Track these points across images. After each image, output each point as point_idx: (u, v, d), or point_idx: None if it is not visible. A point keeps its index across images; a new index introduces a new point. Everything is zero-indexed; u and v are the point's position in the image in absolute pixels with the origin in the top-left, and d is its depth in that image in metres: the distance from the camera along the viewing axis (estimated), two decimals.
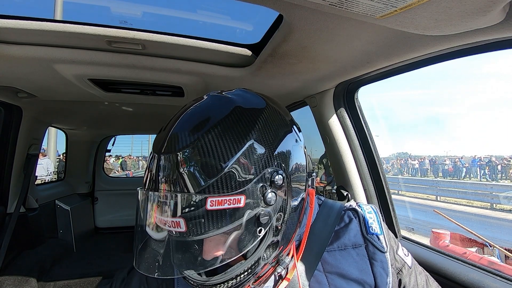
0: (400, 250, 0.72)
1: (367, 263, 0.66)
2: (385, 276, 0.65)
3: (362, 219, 0.71)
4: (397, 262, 0.69)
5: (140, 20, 0.97)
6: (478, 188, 10.96)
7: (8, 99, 1.61)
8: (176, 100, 1.63)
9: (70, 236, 2.64)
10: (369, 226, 0.69)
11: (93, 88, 1.39)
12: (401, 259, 0.70)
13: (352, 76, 1.14)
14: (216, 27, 1.06)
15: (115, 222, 3.27)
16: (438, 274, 1.01)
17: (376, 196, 1.33)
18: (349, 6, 0.54)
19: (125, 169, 19.52)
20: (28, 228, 2.07)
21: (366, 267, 0.66)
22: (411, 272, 0.70)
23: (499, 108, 51.98)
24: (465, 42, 0.72)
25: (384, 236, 0.69)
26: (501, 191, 9.74)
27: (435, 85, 75.28)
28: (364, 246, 0.68)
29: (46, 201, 2.45)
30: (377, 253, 0.67)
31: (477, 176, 16.04)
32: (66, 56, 1.04)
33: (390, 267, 0.66)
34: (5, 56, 1.00)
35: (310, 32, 0.79)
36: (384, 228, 0.71)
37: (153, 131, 3.90)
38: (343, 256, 0.66)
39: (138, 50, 1.02)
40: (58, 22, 0.89)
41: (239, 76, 1.18)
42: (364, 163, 1.33)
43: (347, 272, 0.64)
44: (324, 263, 0.66)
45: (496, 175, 15.37)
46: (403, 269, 0.69)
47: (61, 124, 2.65)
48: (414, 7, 0.52)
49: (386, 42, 0.81)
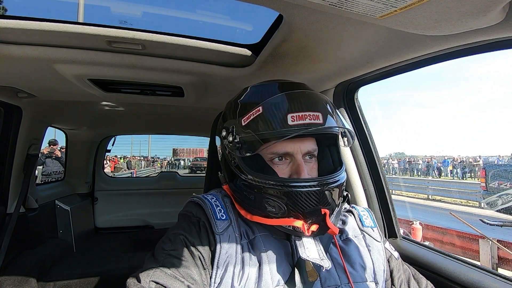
0: (387, 244, 0.82)
1: (366, 250, 0.76)
2: (381, 262, 0.75)
3: (357, 215, 0.83)
4: (386, 252, 0.79)
5: (140, 20, 0.97)
6: (420, 183, 14.13)
7: (8, 99, 1.61)
8: (175, 100, 1.63)
9: (70, 236, 2.63)
10: (363, 220, 0.81)
11: (93, 88, 1.39)
12: (388, 251, 0.80)
13: (352, 76, 1.14)
14: (216, 27, 1.06)
15: (115, 222, 3.27)
16: (438, 274, 1.01)
17: (376, 196, 1.33)
18: (349, 6, 0.54)
19: (130, 168, 21.17)
20: (28, 228, 2.07)
21: (366, 253, 0.75)
22: (398, 262, 0.80)
23: (476, 113, 53.09)
24: (465, 42, 0.72)
25: (377, 229, 0.81)
26: (434, 186, 12.90)
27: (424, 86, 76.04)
28: (362, 237, 0.78)
29: (46, 201, 2.45)
30: (373, 242, 0.77)
31: (446, 174, 18.41)
32: (66, 56, 1.04)
33: (384, 255, 0.77)
34: (5, 56, 1.00)
35: (310, 32, 0.79)
36: (377, 224, 0.83)
37: (152, 131, 3.91)
38: (346, 244, 0.75)
39: (138, 50, 1.02)
40: (58, 22, 0.89)
41: (239, 76, 1.19)
42: (364, 163, 1.33)
43: (352, 257, 0.73)
44: (331, 250, 0.74)
45: (461, 174, 17.74)
46: (391, 258, 0.79)
47: (61, 124, 2.65)
48: (414, 7, 0.52)
49: (386, 42, 0.81)
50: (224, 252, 0.64)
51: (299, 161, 0.67)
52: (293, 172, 0.67)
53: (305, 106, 0.64)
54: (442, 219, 6.54)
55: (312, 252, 0.64)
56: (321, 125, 0.64)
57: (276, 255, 0.66)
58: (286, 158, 0.69)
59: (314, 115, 0.63)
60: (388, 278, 0.76)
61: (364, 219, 0.82)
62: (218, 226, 0.66)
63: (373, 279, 0.72)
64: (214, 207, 0.70)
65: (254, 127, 0.64)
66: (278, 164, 0.68)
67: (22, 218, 1.95)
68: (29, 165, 1.96)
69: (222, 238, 0.65)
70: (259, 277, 0.63)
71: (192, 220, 0.70)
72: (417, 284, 0.77)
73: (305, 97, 0.67)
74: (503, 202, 2.53)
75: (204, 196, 0.74)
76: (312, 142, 0.71)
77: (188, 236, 0.66)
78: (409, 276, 0.79)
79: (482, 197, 8.43)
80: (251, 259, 0.65)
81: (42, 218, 2.25)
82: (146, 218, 3.32)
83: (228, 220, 0.69)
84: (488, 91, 65.20)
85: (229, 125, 0.70)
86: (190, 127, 3.09)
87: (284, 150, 0.67)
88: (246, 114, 0.66)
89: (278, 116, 0.63)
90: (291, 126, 0.62)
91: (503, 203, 2.53)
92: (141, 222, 3.32)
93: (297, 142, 0.67)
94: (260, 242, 0.67)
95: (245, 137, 0.66)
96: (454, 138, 50.91)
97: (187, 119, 2.59)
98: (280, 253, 0.67)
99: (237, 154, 0.67)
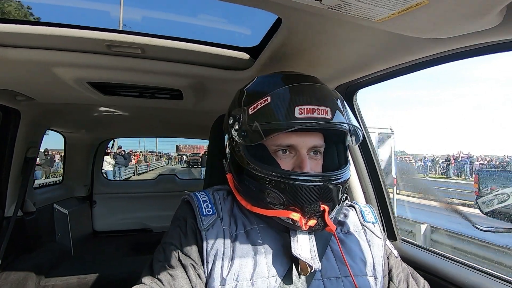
0: (387, 241, 0.82)
1: (367, 245, 0.75)
2: (381, 258, 0.75)
3: (359, 210, 0.82)
4: (386, 249, 0.79)
5: (139, 24, 0.98)
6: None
7: (6, 102, 1.60)
8: (174, 103, 1.63)
9: (68, 239, 2.61)
10: (365, 216, 0.81)
11: (92, 92, 1.39)
12: (388, 247, 0.80)
13: (350, 79, 1.14)
14: (215, 31, 1.07)
15: (114, 226, 3.25)
16: (438, 276, 1.00)
17: (375, 198, 1.33)
18: (348, 9, 0.54)
19: (146, 161, 29.68)
20: (26, 232, 2.05)
21: (366, 247, 0.75)
22: (397, 260, 0.80)
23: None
24: (463, 45, 0.72)
25: (379, 225, 0.81)
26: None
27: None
28: (363, 231, 0.78)
29: (44, 205, 2.43)
30: (374, 238, 0.77)
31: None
32: (65, 60, 1.04)
33: (384, 251, 0.77)
34: (4, 59, 1.00)
35: (308, 35, 0.79)
36: (378, 220, 0.82)
37: (151, 134, 3.90)
38: (348, 237, 0.75)
39: (137, 54, 1.03)
40: (57, 26, 0.89)
41: (238, 79, 1.19)
42: (363, 166, 1.33)
43: (352, 250, 0.73)
44: (333, 243, 0.74)
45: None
46: (390, 256, 0.79)
47: (59, 127, 2.64)
48: (412, 11, 0.52)
49: (385, 45, 0.81)
50: (210, 247, 0.65)
51: (303, 155, 0.66)
52: (296, 166, 0.67)
53: (314, 100, 0.63)
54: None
55: (304, 250, 0.64)
56: (328, 121, 0.63)
57: (274, 247, 0.67)
58: (291, 152, 0.68)
59: (323, 109, 0.62)
60: (386, 273, 0.76)
61: (366, 214, 0.81)
62: (203, 222, 0.67)
63: (372, 273, 0.72)
64: (201, 203, 0.71)
65: (260, 116, 0.63)
66: (281, 157, 0.68)
67: (19, 221, 1.94)
68: (27, 169, 1.95)
69: (207, 233, 0.66)
70: (254, 267, 0.63)
71: (180, 223, 0.71)
72: (415, 283, 0.77)
73: (315, 91, 0.66)
74: (499, 201, 2.54)
75: (195, 193, 0.75)
76: (319, 137, 0.70)
77: (177, 245, 0.67)
78: (407, 274, 0.79)
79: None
80: (245, 248, 0.66)
81: (40, 221, 2.24)
82: (144, 222, 3.31)
83: (214, 215, 0.69)
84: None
85: (237, 113, 0.69)
86: (188, 130, 3.09)
87: (288, 143, 0.66)
88: (253, 103, 0.65)
89: (286, 107, 0.62)
90: (297, 119, 0.60)
91: (498, 202, 2.53)
92: (139, 225, 3.30)
93: (302, 136, 0.66)
94: (256, 233, 0.68)
95: (251, 126, 0.65)
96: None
97: (186, 122, 2.59)
98: (277, 246, 0.67)
99: (241, 143, 0.67)
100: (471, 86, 78.06)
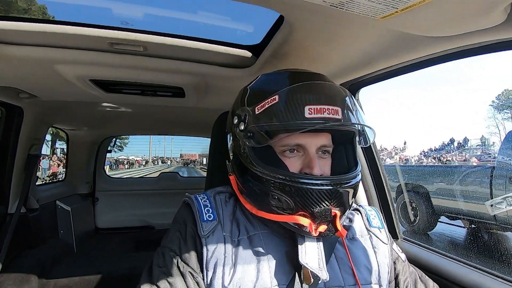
0: (395, 245, 0.79)
1: (372, 251, 0.72)
2: (386, 264, 0.72)
3: (365, 215, 0.78)
4: (393, 254, 0.76)
5: (141, 21, 0.97)
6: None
7: (9, 100, 1.61)
8: (176, 101, 1.63)
9: (70, 236, 2.63)
10: (371, 221, 0.77)
11: (94, 89, 1.39)
12: (395, 252, 0.77)
13: (353, 77, 1.14)
14: (217, 29, 1.07)
15: (116, 223, 3.27)
16: (439, 275, 1.00)
17: (377, 197, 1.33)
18: (350, 7, 0.54)
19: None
20: (29, 229, 2.07)
21: (372, 254, 0.72)
22: (405, 265, 0.77)
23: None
24: (466, 43, 0.72)
25: (385, 230, 0.77)
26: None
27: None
28: (368, 237, 0.75)
29: (47, 202, 2.45)
30: (380, 244, 0.74)
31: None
32: (68, 57, 1.04)
33: (390, 257, 0.73)
34: (7, 56, 1.01)
35: (311, 33, 0.79)
36: (385, 225, 0.79)
37: (153, 131, 3.91)
38: (353, 244, 0.72)
39: (139, 51, 1.03)
40: (60, 24, 0.89)
41: (240, 77, 1.19)
42: (365, 165, 1.33)
43: (357, 257, 0.70)
44: (337, 250, 0.71)
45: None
46: (397, 260, 0.76)
47: (62, 125, 2.66)
48: (415, 8, 0.52)
49: (387, 43, 0.81)
50: (211, 254, 0.62)
51: (312, 155, 0.63)
52: (305, 166, 0.63)
53: (324, 99, 0.60)
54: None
55: (312, 259, 0.61)
56: (339, 121, 0.60)
57: (277, 255, 0.64)
58: (299, 151, 0.65)
59: (333, 109, 0.59)
60: (392, 279, 0.73)
61: (372, 219, 0.78)
62: (203, 229, 0.65)
63: (377, 281, 0.69)
64: (202, 207, 0.68)
65: (268, 117, 0.60)
66: (289, 157, 0.64)
67: (23, 218, 1.96)
68: (30, 166, 1.97)
69: (208, 240, 0.64)
70: (257, 276, 0.61)
71: (180, 227, 0.69)
72: (424, 287, 0.75)
73: (325, 89, 0.63)
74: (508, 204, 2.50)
75: (196, 196, 0.72)
76: (327, 137, 0.67)
77: (176, 251, 0.65)
78: (415, 278, 0.76)
79: None
80: (248, 256, 0.63)
81: (43, 218, 2.26)
82: (146, 219, 3.32)
83: (215, 220, 0.66)
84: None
85: (242, 112, 0.66)
86: (190, 127, 3.10)
87: (296, 142, 0.63)
88: (260, 102, 0.62)
89: (295, 107, 0.59)
90: (307, 119, 0.58)
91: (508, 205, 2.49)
92: (141, 222, 3.32)
93: (311, 136, 0.64)
94: (260, 240, 0.65)
95: (258, 127, 0.62)
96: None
97: (187, 120, 2.60)
98: (281, 253, 0.64)
99: (247, 144, 0.64)
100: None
